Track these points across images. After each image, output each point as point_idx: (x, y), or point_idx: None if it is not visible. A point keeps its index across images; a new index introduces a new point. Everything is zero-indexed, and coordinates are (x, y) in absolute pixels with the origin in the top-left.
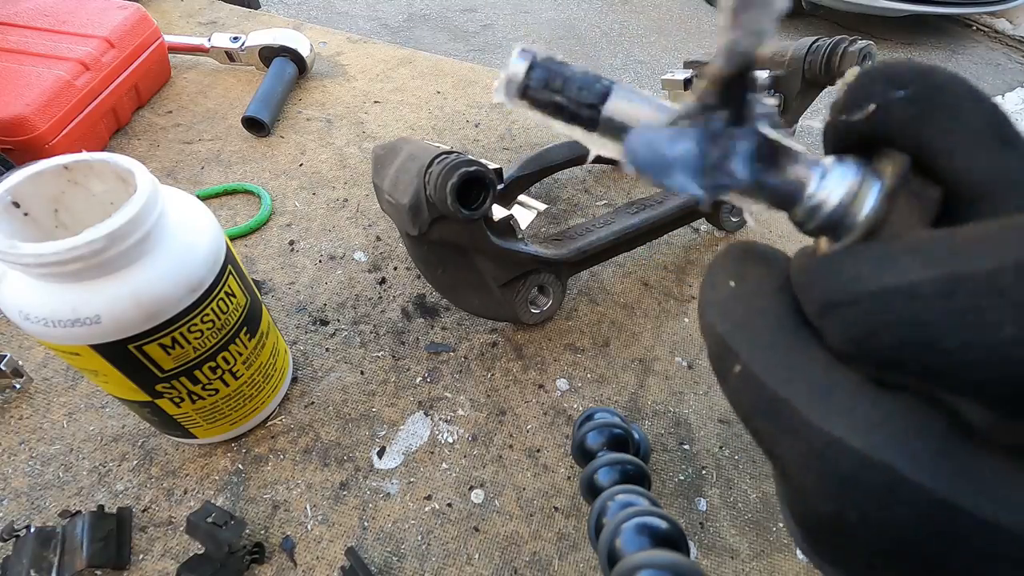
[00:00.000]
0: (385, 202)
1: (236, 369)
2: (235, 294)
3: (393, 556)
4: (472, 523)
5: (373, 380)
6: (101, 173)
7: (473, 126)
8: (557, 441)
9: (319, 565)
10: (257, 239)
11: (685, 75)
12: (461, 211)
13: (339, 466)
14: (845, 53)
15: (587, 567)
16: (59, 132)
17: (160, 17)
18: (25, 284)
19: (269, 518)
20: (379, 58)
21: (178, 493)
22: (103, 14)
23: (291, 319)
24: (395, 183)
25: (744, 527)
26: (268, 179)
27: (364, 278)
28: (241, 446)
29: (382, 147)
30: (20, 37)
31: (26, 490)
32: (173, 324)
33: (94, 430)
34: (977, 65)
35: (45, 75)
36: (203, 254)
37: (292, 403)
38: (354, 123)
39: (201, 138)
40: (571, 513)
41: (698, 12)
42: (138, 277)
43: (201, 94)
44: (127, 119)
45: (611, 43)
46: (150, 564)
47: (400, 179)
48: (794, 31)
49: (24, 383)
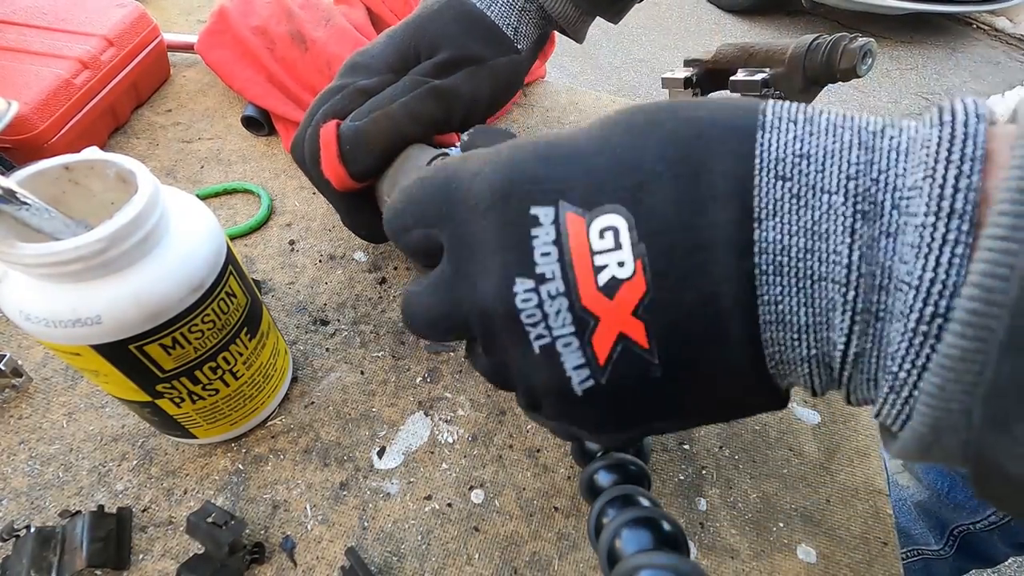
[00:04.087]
0: (384, 202)
1: (236, 369)
2: (236, 294)
3: (393, 556)
4: (472, 523)
5: (373, 380)
6: (101, 173)
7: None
8: (557, 441)
9: (319, 565)
10: (257, 239)
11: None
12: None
13: (339, 466)
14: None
15: (587, 567)
16: (58, 131)
17: (159, 15)
18: (25, 284)
19: (269, 518)
20: None
21: (178, 493)
22: (102, 12)
23: (291, 319)
24: (394, 183)
25: (744, 527)
26: (268, 178)
27: (364, 278)
28: (241, 446)
29: None
30: (18, 35)
31: (26, 490)
32: (174, 324)
33: (94, 430)
34: (977, 63)
35: (44, 73)
36: (204, 254)
37: (292, 403)
38: None
39: (201, 137)
40: (571, 513)
41: (697, 10)
42: (139, 277)
43: (201, 92)
44: (126, 118)
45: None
46: (150, 564)
47: (400, 179)
48: (794, 29)
49: (24, 383)
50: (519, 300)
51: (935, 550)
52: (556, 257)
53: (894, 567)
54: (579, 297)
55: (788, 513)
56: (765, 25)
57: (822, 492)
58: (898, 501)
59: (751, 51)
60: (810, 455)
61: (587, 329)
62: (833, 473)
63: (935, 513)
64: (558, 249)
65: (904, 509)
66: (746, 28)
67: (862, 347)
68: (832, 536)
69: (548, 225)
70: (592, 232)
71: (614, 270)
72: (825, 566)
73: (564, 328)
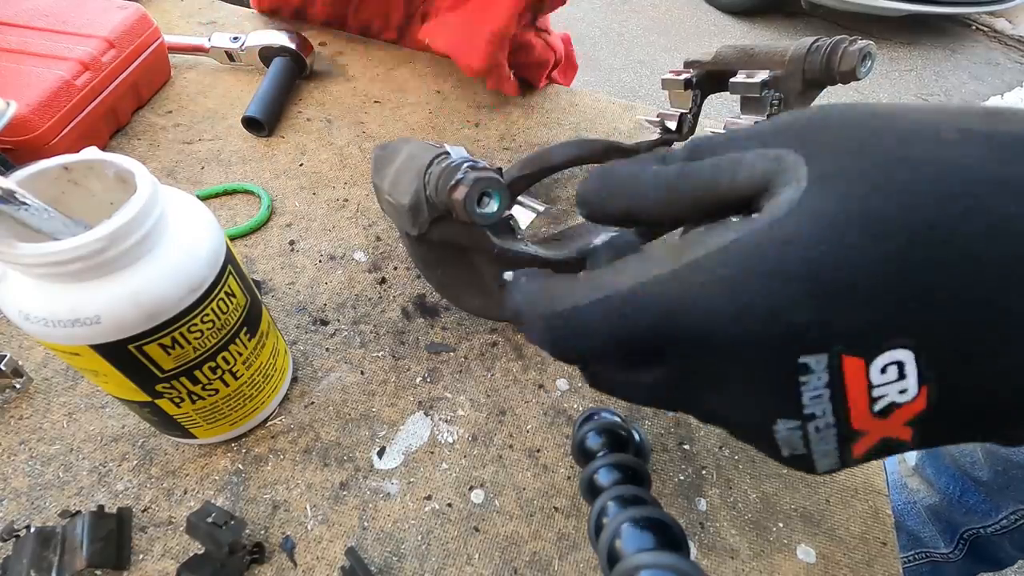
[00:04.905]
0: (385, 202)
1: (236, 369)
2: (235, 294)
3: (393, 556)
4: (472, 523)
5: (373, 380)
6: (101, 173)
7: (473, 126)
8: (557, 441)
9: (319, 565)
10: (257, 239)
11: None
12: (476, 213)
13: (339, 466)
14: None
15: (587, 567)
16: (59, 132)
17: (160, 17)
18: (25, 284)
19: (269, 518)
20: (379, 58)
21: (178, 493)
22: (103, 14)
23: (291, 319)
24: (395, 183)
25: (744, 527)
26: (268, 179)
27: (364, 278)
28: (241, 446)
29: (382, 147)
30: (20, 37)
31: (26, 490)
32: (173, 324)
33: (94, 430)
34: (976, 64)
35: (45, 75)
36: (203, 254)
37: (292, 403)
38: (354, 123)
39: (201, 138)
40: (571, 513)
41: (697, 12)
42: (138, 277)
43: (201, 94)
44: (127, 119)
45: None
46: (150, 564)
47: (400, 179)
48: (794, 31)
49: (24, 383)
50: (779, 437)
51: (944, 553)
52: (827, 398)
53: (893, 567)
54: (849, 422)
55: (788, 513)
56: (764, 27)
57: (822, 492)
58: (908, 504)
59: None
60: None
61: (850, 442)
62: (832, 473)
63: (946, 517)
64: (830, 391)
65: (914, 512)
66: (745, 30)
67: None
68: (831, 536)
69: (820, 371)
70: (872, 371)
71: (893, 397)
72: (825, 566)
73: (827, 444)
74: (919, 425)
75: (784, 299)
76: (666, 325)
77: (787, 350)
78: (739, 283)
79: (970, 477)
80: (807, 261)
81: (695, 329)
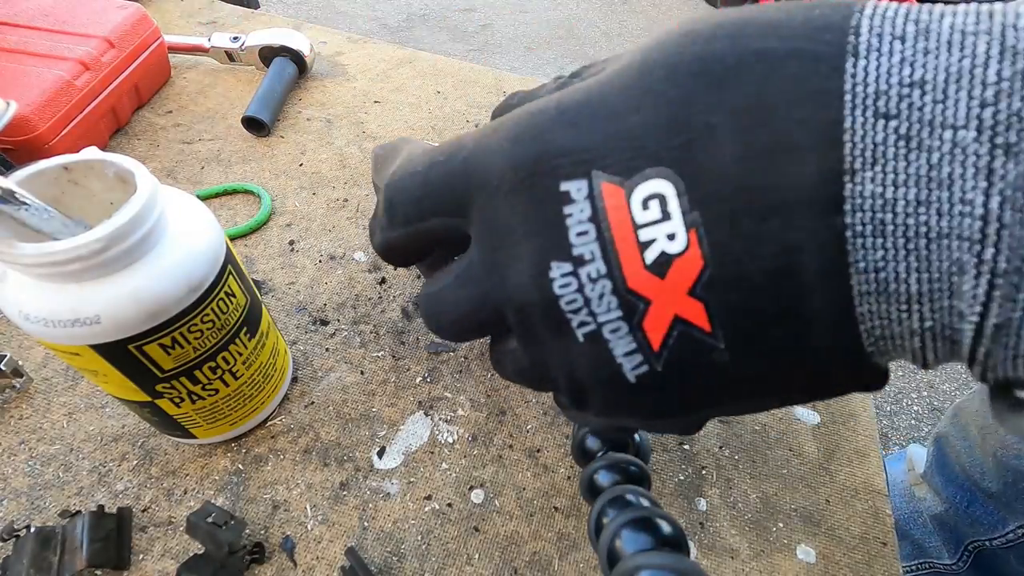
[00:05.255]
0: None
1: (236, 369)
2: (235, 294)
3: (393, 556)
4: (472, 523)
5: (373, 380)
6: (100, 173)
7: (473, 126)
8: (557, 441)
9: (319, 565)
10: (257, 239)
11: None
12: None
13: (339, 466)
14: None
15: (587, 567)
16: (59, 132)
17: (160, 17)
18: (25, 284)
19: (269, 518)
20: (379, 58)
21: (178, 493)
22: (103, 14)
23: (291, 319)
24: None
25: (744, 527)
26: (268, 179)
27: (364, 278)
28: (241, 446)
29: (382, 147)
30: (20, 37)
31: (26, 490)
32: (173, 324)
33: (94, 430)
34: None
35: (45, 75)
36: (203, 254)
37: (292, 403)
38: (354, 123)
39: (201, 138)
40: (571, 513)
41: (697, 12)
42: (138, 277)
43: (201, 94)
44: (127, 119)
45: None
46: (150, 564)
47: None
48: None
49: (24, 383)
50: (556, 286)
51: (947, 564)
52: (594, 236)
53: (893, 567)
54: (624, 278)
55: (788, 513)
56: None
57: (822, 492)
58: (914, 513)
59: None
60: (810, 455)
61: (636, 313)
62: (833, 473)
63: (951, 527)
64: (595, 226)
65: (919, 522)
66: None
67: (1005, 317)
68: (831, 536)
69: (582, 200)
70: (634, 203)
71: (663, 244)
72: (824, 566)
73: (609, 313)
74: (712, 302)
75: (547, 126)
76: (461, 174)
77: (549, 177)
78: (521, 124)
79: (979, 488)
80: (576, 95)
81: (482, 173)
